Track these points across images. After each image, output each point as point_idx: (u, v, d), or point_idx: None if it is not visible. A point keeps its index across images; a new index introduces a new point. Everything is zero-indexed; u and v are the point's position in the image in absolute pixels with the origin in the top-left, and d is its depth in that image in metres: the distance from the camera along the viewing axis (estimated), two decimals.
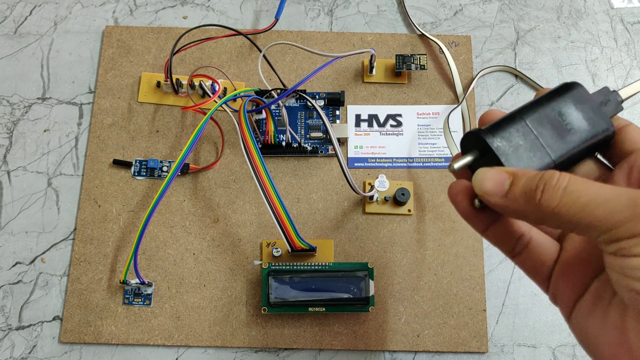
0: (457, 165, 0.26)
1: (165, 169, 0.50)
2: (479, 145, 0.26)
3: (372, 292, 0.44)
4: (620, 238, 0.21)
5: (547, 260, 0.27)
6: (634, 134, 0.27)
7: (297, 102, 0.51)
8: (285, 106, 0.50)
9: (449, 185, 0.27)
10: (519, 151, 0.26)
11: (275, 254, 0.47)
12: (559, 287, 0.27)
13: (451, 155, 0.48)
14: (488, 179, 0.23)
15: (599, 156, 0.28)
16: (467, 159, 0.27)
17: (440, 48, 0.53)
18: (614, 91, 0.28)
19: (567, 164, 0.27)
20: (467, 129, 0.51)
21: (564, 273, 0.26)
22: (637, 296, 0.21)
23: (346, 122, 0.51)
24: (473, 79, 0.52)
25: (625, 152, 0.27)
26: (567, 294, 0.26)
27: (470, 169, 0.27)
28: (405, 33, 0.55)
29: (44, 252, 0.48)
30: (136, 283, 0.46)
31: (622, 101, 0.28)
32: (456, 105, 0.51)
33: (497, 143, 0.25)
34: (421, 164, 0.50)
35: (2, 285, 0.47)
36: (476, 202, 0.26)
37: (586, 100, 0.27)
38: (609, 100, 0.28)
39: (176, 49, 0.48)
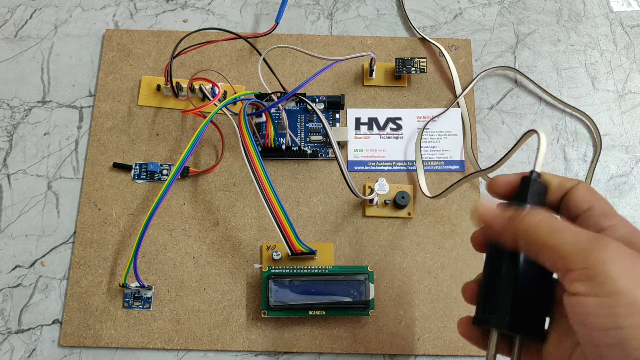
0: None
1: (165, 172, 0.50)
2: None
3: (372, 295, 0.44)
4: (570, 268, 0.24)
5: None
6: (580, 194, 0.28)
7: (297, 105, 0.51)
8: (285, 109, 0.50)
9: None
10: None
11: (275, 257, 0.47)
12: None
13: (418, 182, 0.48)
14: (487, 207, 0.30)
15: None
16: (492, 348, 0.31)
17: (440, 51, 0.53)
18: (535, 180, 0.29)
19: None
20: (468, 133, 0.51)
21: None
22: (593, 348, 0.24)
23: (346, 126, 0.51)
24: (472, 80, 0.52)
25: (573, 217, 0.29)
26: None
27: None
28: (405, 36, 0.55)
29: (43, 256, 0.48)
30: (136, 286, 0.46)
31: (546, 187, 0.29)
32: (447, 108, 0.51)
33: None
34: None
35: (2, 289, 0.47)
36: None
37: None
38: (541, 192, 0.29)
39: (176, 52, 0.49)
